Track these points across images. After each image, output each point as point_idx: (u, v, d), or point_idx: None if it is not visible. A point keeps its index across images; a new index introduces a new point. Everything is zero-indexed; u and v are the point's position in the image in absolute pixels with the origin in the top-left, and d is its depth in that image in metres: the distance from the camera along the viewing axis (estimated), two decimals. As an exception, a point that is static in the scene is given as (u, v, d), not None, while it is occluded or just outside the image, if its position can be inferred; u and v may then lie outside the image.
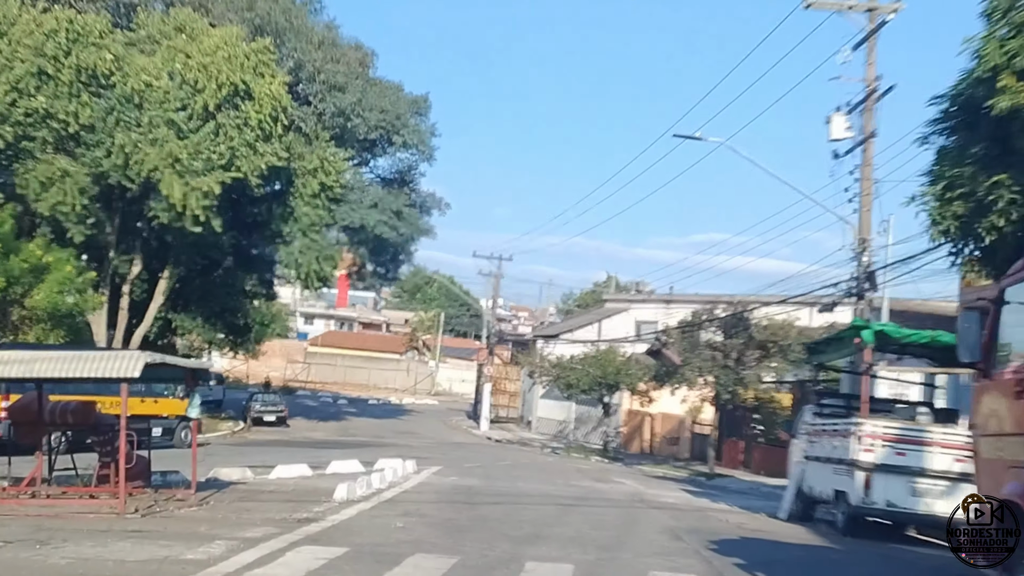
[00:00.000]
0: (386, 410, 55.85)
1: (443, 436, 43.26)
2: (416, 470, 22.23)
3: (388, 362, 75.39)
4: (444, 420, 53.67)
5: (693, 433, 39.04)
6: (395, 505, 15.25)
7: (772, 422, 32.89)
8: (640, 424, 42.66)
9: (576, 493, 19.83)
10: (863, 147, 22.38)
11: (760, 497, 24.26)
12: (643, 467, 34.14)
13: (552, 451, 40.63)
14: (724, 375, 29.69)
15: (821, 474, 16.15)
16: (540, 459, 33.17)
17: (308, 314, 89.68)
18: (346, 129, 35.88)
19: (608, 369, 38.01)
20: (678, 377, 31.08)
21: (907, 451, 14.29)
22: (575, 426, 47.55)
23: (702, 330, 31.08)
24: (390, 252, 39.03)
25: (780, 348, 29.33)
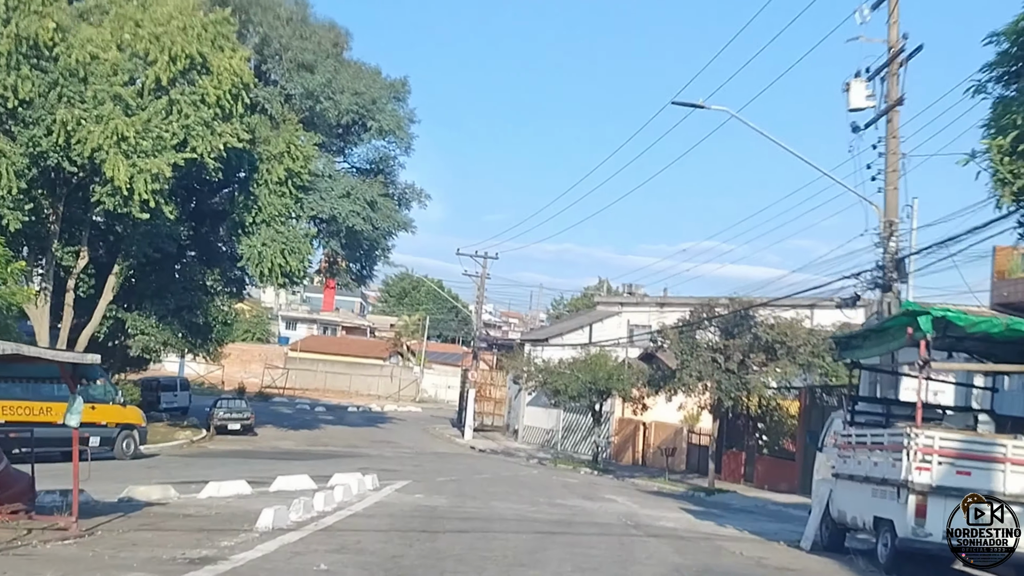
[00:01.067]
0: (365, 418, 52.68)
1: (423, 446, 40.16)
2: (376, 486, 19.15)
3: (371, 368, 72.20)
4: (426, 428, 50.52)
5: (690, 443, 35.98)
6: (331, 536, 12.16)
7: (778, 432, 29.89)
8: (633, 433, 39.59)
9: (559, 515, 16.75)
10: (887, 117, 19.41)
11: (770, 518, 21.21)
12: (636, 480, 31.08)
13: (538, 462, 37.58)
14: (726, 380, 26.67)
15: (856, 496, 13.11)
16: (523, 472, 30.07)
17: (290, 318, 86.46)
18: (315, 112, 32.80)
19: (599, 374, 34.98)
20: (675, 382, 28.03)
21: (972, 469, 11.27)
22: (563, 435, 44.46)
23: (701, 330, 28.05)
24: (364, 247, 35.85)
25: (788, 350, 26.33)
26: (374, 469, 25.29)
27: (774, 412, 29.92)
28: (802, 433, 27.69)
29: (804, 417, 27.80)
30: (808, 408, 27.75)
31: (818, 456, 15.46)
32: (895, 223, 19.35)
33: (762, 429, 30.23)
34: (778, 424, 29.78)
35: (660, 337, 29.53)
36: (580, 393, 35.17)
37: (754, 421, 30.80)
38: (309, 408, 55.13)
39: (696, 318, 27.88)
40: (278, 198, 31.76)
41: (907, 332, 11.44)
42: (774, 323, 26.35)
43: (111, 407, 26.13)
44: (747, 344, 26.82)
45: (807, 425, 27.53)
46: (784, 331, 26.16)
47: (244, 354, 73.40)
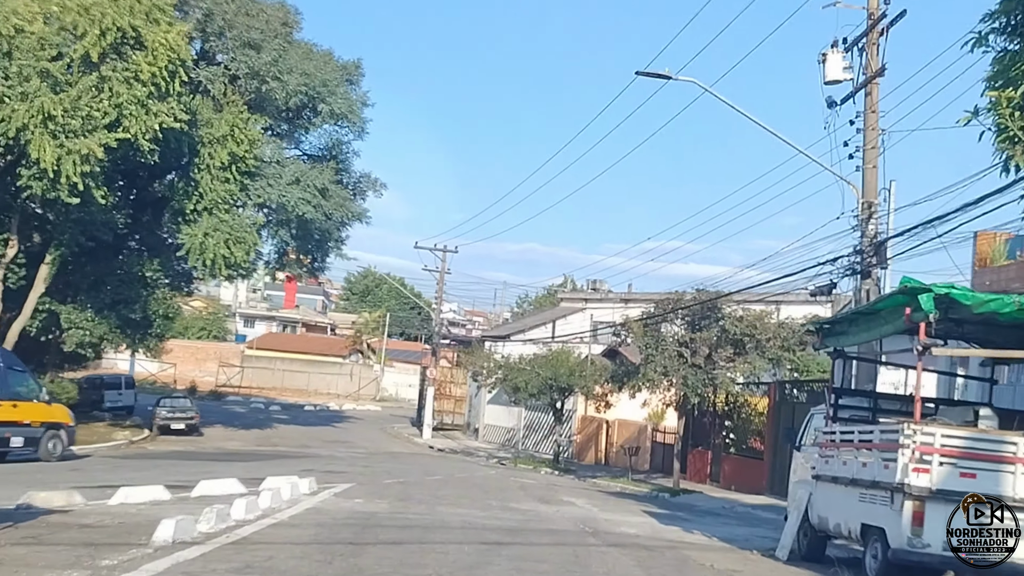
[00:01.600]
0: (321, 417, 50.71)
1: (379, 445, 38.34)
2: (313, 490, 17.34)
3: (330, 366, 70.06)
4: (385, 427, 48.67)
5: (654, 442, 34.48)
6: (240, 551, 10.37)
7: (745, 430, 28.44)
8: (596, 432, 38.05)
9: (511, 522, 15.05)
10: (866, 89, 17.95)
11: (739, 521, 19.69)
12: (598, 481, 29.49)
13: (498, 462, 35.93)
14: (692, 375, 25.13)
15: (840, 501, 11.54)
16: (480, 472, 28.37)
17: (248, 316, 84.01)
18: (262, 94, 30.83)
19: (559, 370, 33.37)
20: (639, 378, 26.45)
21: (977, 471, 9.73)
22: (525, 434, 42.83)
23: (667, 323, 26.51)
24: (316, 237, 33.89)
25: (757, 343, 24.86)
26: (319, 471, 23.53)
27: (741, 409, 28.47)
28: (771, 431, 26.28)
29: (773, 414, 26.39)
30: (777, 404, 26.32)
31: (795, 456, 13.92)
32: (874, 204, 17.89)
33: (729, 427, 28.77)
34: (746, 422, 28.33)
35: (624, 331, 27.97)
36: (540, 390, 33.55)
37: (721, 419, 29.34)
38: (263, 407, 53.03)
39: (662, 310, 26.31)
40: (221, 184, 29.81)
41: (904, 313, 9.87)
42: (742, 316, 24.87)
43: (35, 405, 24.03)
44: (714, 338, 25.34)
45: (776, 423, 26.11)
46: (753, 324, 24.69)
47: (199, 352, 71.11)
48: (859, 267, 17.93)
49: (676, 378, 25.37)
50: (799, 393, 25.81)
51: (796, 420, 25.34)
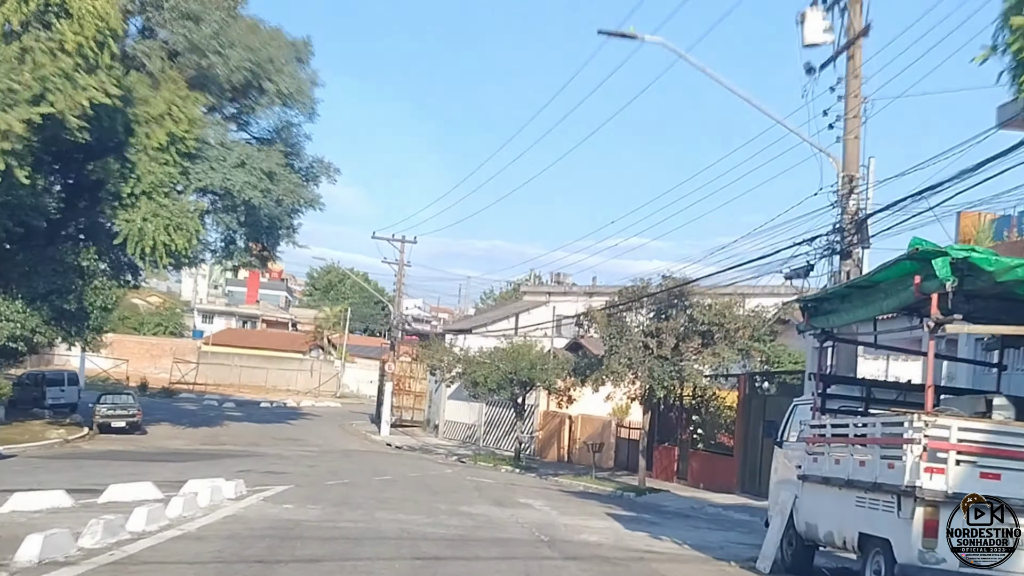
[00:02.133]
0: (277, 414, 48.52)
1: (333, 443, 36.33)
2: (240, 494, 15.43)
3: (290, 362, 67.70)
4: (343, 424, 46.64)
5: (619, 438, 32.77)
6: (119, 574, 8.48)
7: (714, 425, 26.78)
8: (558, 428, 36.31)
9: (457, 530, 13.22)
10: (848, 53, 16.29)
11: (711, 523, 18.02)
12: (560, 479, 27.75)
13: (457, 460, 34.10)
14: (658, 367, 23.43)
15: (832, 505, 9.85)
16: (435, 471, 26.50)
17: (207, 311, 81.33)
18: (203, 70, 28.67)
19: (520, 364, 31.56)
20: (602, 370, 24.70)
21: (1002, 471, 8.05)
22: (486, 430, 41.02)
23: (632, 313, 24.78)
24: (265, 224, 31.78)
25: (726, 333, 23.22)
26: (258, 471, 21.66)
27: (710, 403, 26.82)
28: (741, 426, 24.71)
29: (743, 408, 24.78)
30: (747, 398, 24.71)
31: (777, 453, 12.22)
32: (855, 178, 16.24)
33: (697, 422, 27.10)
34: (714, 416, 26.68)
35: (587, 321, 26.19)
36: (500, 384, 31.71)
37: (688, 413, 27.68)
38: (217, 404, 50.74)
39: (627, 299, 24.58)
40: (160, 166, 27.68)
41: (912, 283, 8.17)
42: (711, 304, 23.20)
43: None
44: (681, 327, 23.64)
45: (746, 417, 24.54)
46: (721, 312, 23.02)
47: (154, 348, 68.57)
48: (839, 247, 16.30)
49: (641, 370, 23.66)
50: (770, 385, 24.23)
51: (768, 413, 23.77)
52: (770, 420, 14.75)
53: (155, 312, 75.01)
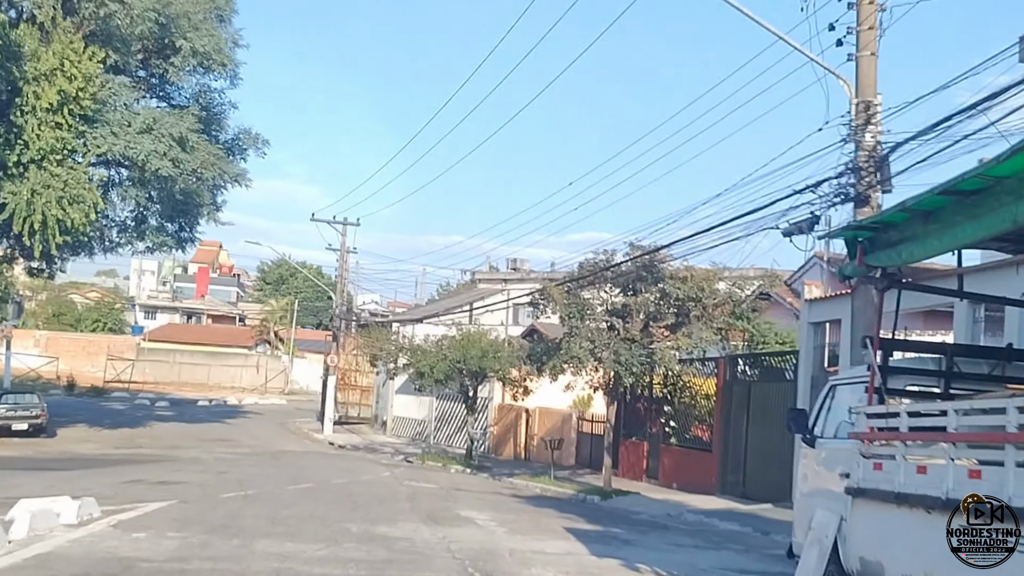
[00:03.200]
0: (214, 412, 44.28)
1: (268, 444, 32.33)
2: (84, 519, 11.56)
3: (235, 357, 63.24)
4: (285, 423, 42.56)
5: (581, 433, 29.20)
6: None
7: (688, 416, 23.24)
8: (514, 423, 32.64)
9: (358, 569, 9.44)
10: (864, -51, 12.78)
11: (696, 537, 14.40)
12: (515, 480, 24.09)
13: (403, 459, 30.33)
14: (626, 350, 19.82)
15: (912, 538, 6.21)
16: (369, 476, 22.65)
17: (150, 307, 76.44)
18: (101, 20, 24.56)
19: (470, 352, 27.85)
20: (560, 355, 21.02)
21: None
22: (436, 426, 37.24)
23: (595, 288, 21.13)
24: (179, 199, 27.70)
25: (703, 310, 19.67)
26: (151, 481, 17.81)
27: (683, 392, 23.29)
28: (720, 417, 21.20)
29: (723, 396, 21.28)
30: (728, 384, 21.19)
31: (806, 454, 8.58)
32: (873, 104, 12.72)
33: (669, 413, 23.56)
34: (688, 407, 23.13)
35: (543, 300, 22.47)
36: (448, 375, 27.96)
37: (659, 404, 24.14)
38: (149, 403, 46.35)
39: (588, 271, 20.91)
40: (51, 130, 23.60)
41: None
42: (687, 276, 19.60)
43: None
44: (652, 305, 20.07)
45: (727, 406, 21.04)
46: (699, 286, 19.44)
47: (90, 345, 63.82)
48: (852, 191, 12.77)
49: (606, 354, 20.03)
50: (753, 370, 20.74)
51: (752, 402, 20.26)
52: (797, 409, 11.01)
53: (93, 308, 70.13)
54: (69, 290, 78.11)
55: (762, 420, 19.33)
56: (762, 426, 19.30)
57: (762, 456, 19.16)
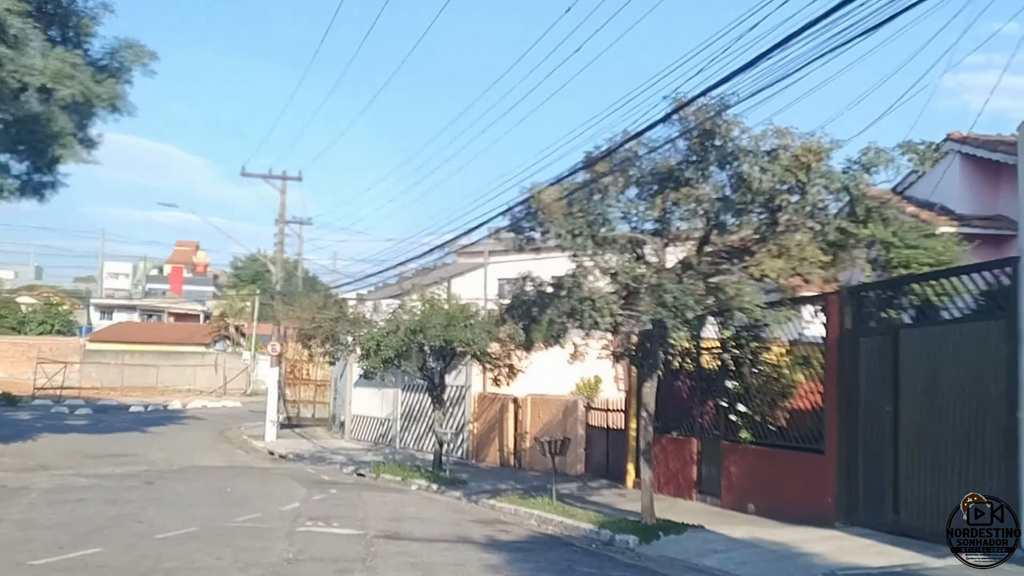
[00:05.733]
0: (144, 420, 35.25)
1: (181, 459, 23.40)
2: None
3: (190, 356, 54.09)
4: (226, 429, 33.59)
5: (591, 427, 20.31)
6: None
7: (769, 395, 14.15)
8: (500, 416, 23.68)
9: None
10: None
11: None
12: (500, 502, 15.26)
13: (353, 472, 21.64)
14: (675, 285, 10.94)
15: None
16: (264, 508, 13.73)
17: (106, 306, 67.18)
18: None
19: (432, 321, 19.01)
20: (562, 304, 12.07)
21: None
22: (403, 425, 28.32)
23: (615, 186, 12.18)
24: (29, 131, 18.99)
25: (810, 210, 10.82)
26: None
27: (756, 357, 14.29)
28: (836, 392, 12.27)
29: (839, 358, 12.27)
30: (847, 337, 12.15)
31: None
32: None
33: (735, 392, 14.52)
34: (769, 382, 14.06)
35: (532, 218, 13.35)
36: (401, 353, 19.04)
37: (712, 379, 15.21)
38: (68, 412, 37.25)
39: (603, 154, 11.93)
40: None
41: None
42: (778, 148, 10.67)
43: None
44: (715, 204, 11.19)
45: (848, 375, 12.11)
46: (801, 163, 10.53)
47: (31, 350, 54.65)
48: None
49: (648, 298, 11.13)
50: (899, 307, 11.62)
51: (904, 364, 11.01)
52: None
53: (39, 310, 60.95)
54: (22, 292, 69.11)
55: (927, 395, 10.51)
56: (928, 406, 10.49)
57: (931, 460, 10.35)
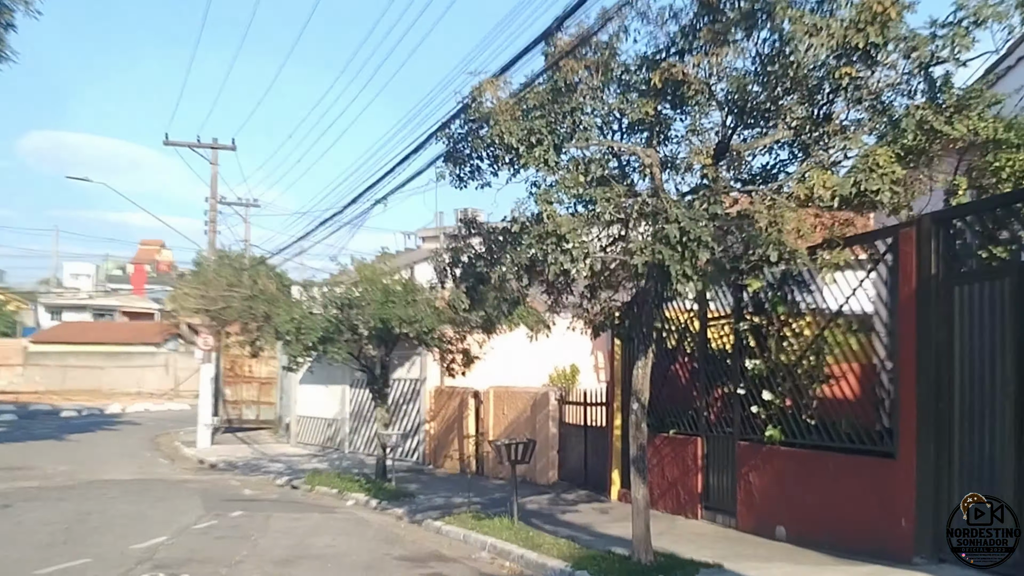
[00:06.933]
0: (70, 426, 31.08)
1: (92, 470, 19.44)
2: None
3: (139, 357, 49.68)
4: (161, 435, 29.48)
5: (565, 425, 16.38)
6: None
7: (809, 378, 10.14)
8: (459, 414, 19.64)
9: None
10: None
11: None
12: (448, 524, 11.38)
13: (287, 483, 17.81)
14: (680, 210, 7.11)
15: None
16: (151, 543, 9.77)
17: (55, 306, 62.50)
18: None
19: (369, 297, 15.11)
20: (516, 253, 8.22)
21: None
22: (352, 426, 24.30)
23: (591, 92, 8.31)
24: None
25: (879, 88, 6.99)
26: None
27: (785, 322, 10.37)
28: (916, 369, 8.35)
29: (919, 317, 8.36)
30: (937, 284, 8.23)
31: None
32: None
33: (756, 372, 10.57)
34: (803, 360, 10.13)
35: (474, 134, 9.37)
36: (328, 337, 15.08)
37: (725, 359, 11.33)
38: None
39: (582, 41, 8.02)
40: None
41: None
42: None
43: None
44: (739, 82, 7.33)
45: (933, 340, 8.21)
46: (876, 8, 6.69)
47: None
48: None
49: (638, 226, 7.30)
50: (1007, 245, 7.70)
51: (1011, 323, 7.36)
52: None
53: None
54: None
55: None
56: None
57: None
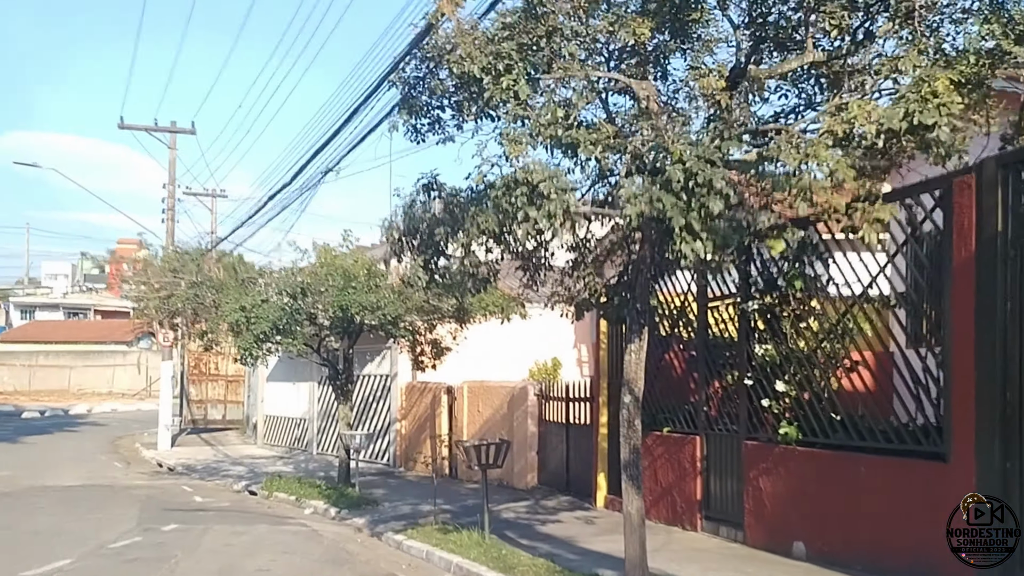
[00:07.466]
0: (29, 427, 29.32)
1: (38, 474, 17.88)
2: None
3: (110, 356, 47.76)
4: (124, 436, 27.81)
5: (546, 423, 14.75)
6: None
7: (833, 365, 8.54)
8: (431, 412, 17.95)
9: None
10: None
11: None
12: (408, 539, 9.77)
13: (245, 488, 16.19)
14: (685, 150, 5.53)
15: None
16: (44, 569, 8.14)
17: (27, 305, 60.46)
18: None
19: (328, 283, 13.46)
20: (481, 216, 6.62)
21: None
22: (320, 425, 22.63)
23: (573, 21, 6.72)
24: None
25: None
26: None
27: (802, 304, 8.80)
28: (969, 347, 6.77)
29: (979, 286, 6.77)
30: (1002, 243, 6.63)
31: None
32: None
33: (767, 359, 8.98)
34: (837, 340, 8.52)
35: (433, 75, 7.77)
36: (281, 327, 13.42)
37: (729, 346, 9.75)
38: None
39: None
40: None
41: None
42: None
43: None
44: None
45: (992, 315, 6.62)
46: None
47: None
48: None
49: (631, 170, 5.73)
50: None
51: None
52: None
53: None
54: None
55: None
56: None
57: None
